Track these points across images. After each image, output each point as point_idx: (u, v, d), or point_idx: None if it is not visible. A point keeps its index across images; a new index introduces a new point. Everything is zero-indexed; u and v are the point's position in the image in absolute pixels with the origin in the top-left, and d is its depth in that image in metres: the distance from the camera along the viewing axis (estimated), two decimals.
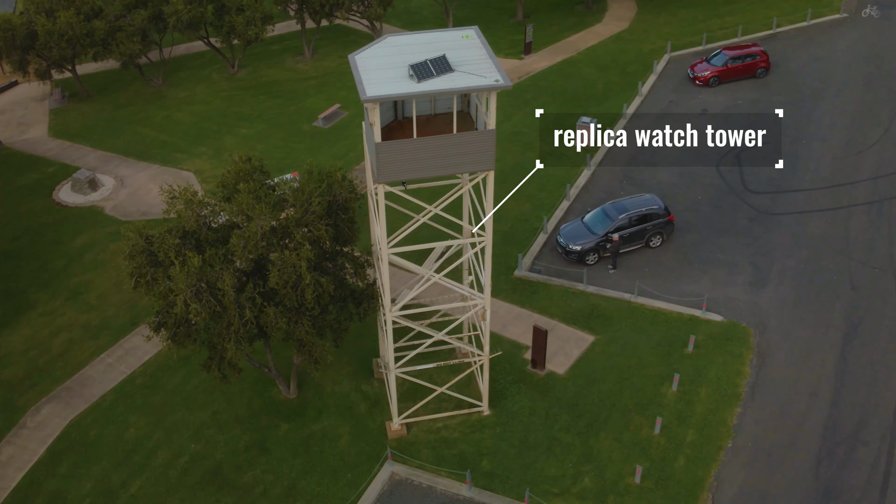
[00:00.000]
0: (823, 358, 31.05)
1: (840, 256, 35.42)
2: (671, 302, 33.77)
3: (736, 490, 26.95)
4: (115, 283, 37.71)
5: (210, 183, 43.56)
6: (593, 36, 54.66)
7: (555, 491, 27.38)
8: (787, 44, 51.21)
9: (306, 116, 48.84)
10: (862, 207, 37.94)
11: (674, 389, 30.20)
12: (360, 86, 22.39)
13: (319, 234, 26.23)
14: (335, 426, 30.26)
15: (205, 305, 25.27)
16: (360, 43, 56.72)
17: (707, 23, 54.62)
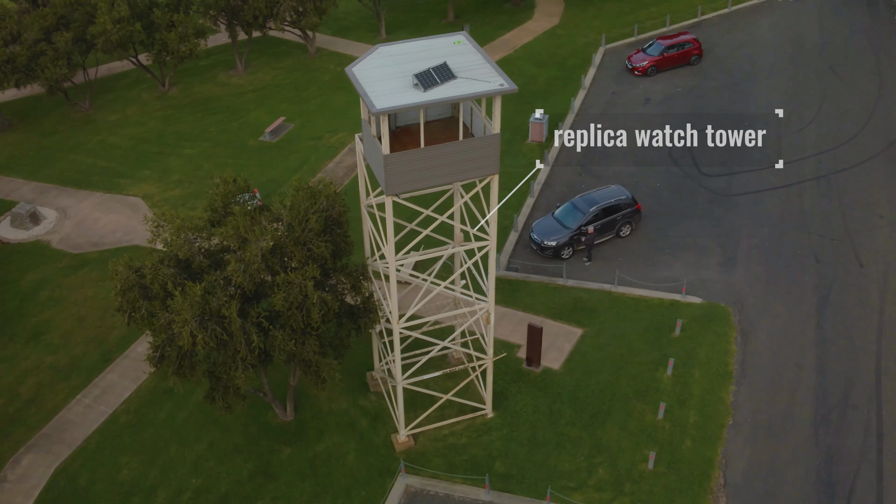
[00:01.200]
0: (802, 329, 32.41)
1: (799, 231, 37.03)
2: (651, 289, 34.59)
3: (744, 465, 27.86)
4: (78, 319, 36.04)
5: (161, 207, 41.96)
6: (526, 33, 55.36)
7: (572, 485, 27.70)
8: (713, 30, 53.10)
9: (251, 131, 47.74)
10: (811, 182, 39.75)
11: (669, 374, 30.96)
12: (368, 99, 22.06)
13: (320, 252, 25.72)
14: (339, 444, 29.76)
15: (211, 334, 24.43)
16: (292, 54, 55.80)
17: (634, 14, 56.08)
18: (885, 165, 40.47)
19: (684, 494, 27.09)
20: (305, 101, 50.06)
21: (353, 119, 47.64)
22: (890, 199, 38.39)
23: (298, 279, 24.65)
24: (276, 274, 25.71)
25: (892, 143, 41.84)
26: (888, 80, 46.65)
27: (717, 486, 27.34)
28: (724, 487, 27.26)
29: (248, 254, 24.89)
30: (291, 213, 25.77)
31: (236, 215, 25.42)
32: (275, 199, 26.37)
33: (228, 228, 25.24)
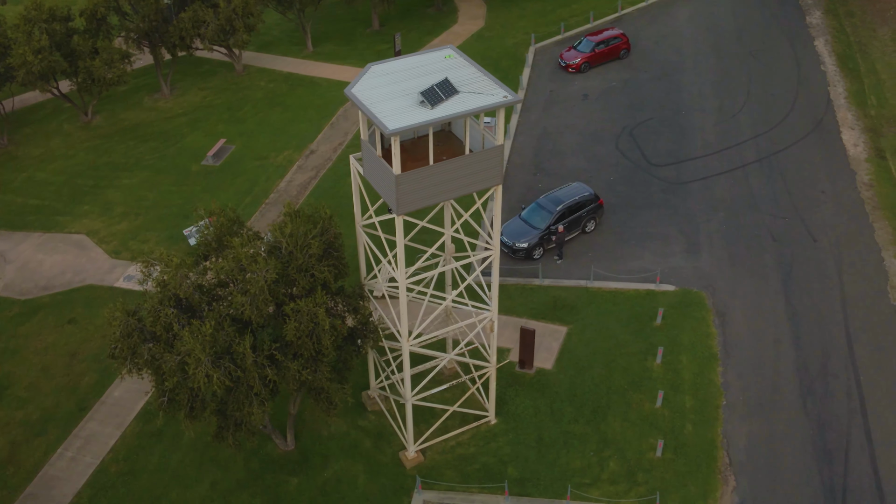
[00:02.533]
0: (773, 306, 34.00)
1: (752, 212, 38.78)
2: (625, 281, 35.56)
3: (745, 442, 29.06)
4: (41, 369, 34.26)
5: (110, 243, 40.44)
6: (455, 37, 55.73)
7: (587, 482, 28.25)
8: (635, 24, 54.81)
9: (191, 156, 46.35)
10: (754, 165, 41.66)
11: (658, 362, 31.93)
12: (377, 120, 21.88)
13: (324, 277, 25.35)
14: (347, 468, 29.39)
15: (225, 372, 23.74)
16: (218, 73, 54.41)
17: (557, 12, 57.27)
18: (817, 143, 42.79)
19: (695, 477, 28.05)
20: (242, 121, 48.95)
21: (296, 136, 46.93)
22: (828, 175, 40.64)
23: (309, 306, 24.22)
24: (280, 303, 25.19)
25: (820, 122, 44.26)
26: (804, 63, 49.29)
27: (724, 465, 28.42)
28: (731, 466, 28.37)
29: (252, 286, 24.28)
30: (291, 239, 25.27)
31: (236, 247, 24.73)
32: (272, 227, 25.76)
33: (229, 262, 24.53)
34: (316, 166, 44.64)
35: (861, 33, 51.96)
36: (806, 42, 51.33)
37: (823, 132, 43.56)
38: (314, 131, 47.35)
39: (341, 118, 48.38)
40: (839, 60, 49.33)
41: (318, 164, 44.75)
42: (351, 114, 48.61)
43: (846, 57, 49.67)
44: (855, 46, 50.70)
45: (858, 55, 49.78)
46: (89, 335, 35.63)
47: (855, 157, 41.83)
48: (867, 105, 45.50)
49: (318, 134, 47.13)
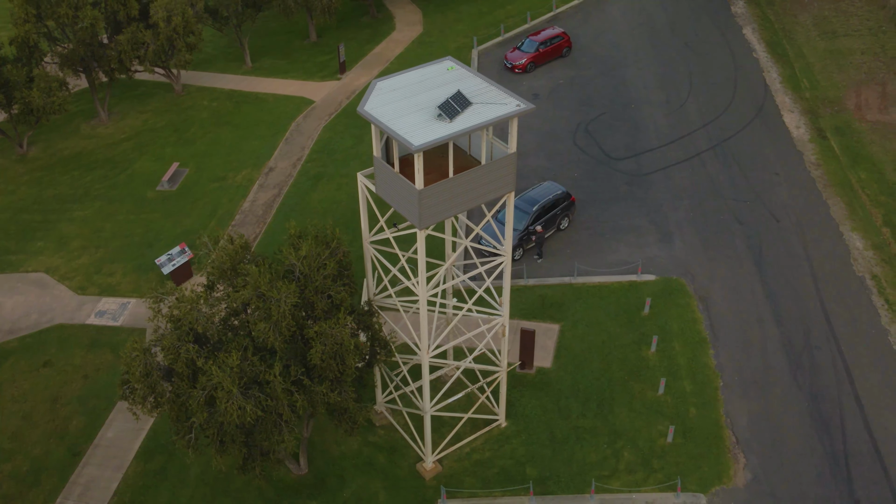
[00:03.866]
0: (750, 287, 35.49)
1: (714, 198, 40.32)
2: (607, 274, 36.46)
3: (747, 420, 30.30)
4: (23, 416, 32.77)
5: (73, 279, 38.92)
6: (395, 44, 55.75)
7: (605, 474, 28.93)
8: (571, 22, 56.04)
9: (143, 182, 44.96)
10: (708, 152, 43.30)
11: (653, 351, 32.92)
12: (401, 137, 21.89)
13: (341, 297, 25.18)
14: (365, 486, 29.24)
15: (256, 402, 23.31)
16: (155, 94, 52.86)
17: (493, 14, 57.99)
18: (763, 128, 44.79)
19: (707, 459, 29.09)
20: (192, 143, 47.76)
21: (251, 154, 46.11)
22: (778, 157, 42.61)
23: (334, 328, 24.01)
24: (300, 327, 24.88)
25: (762, 108, 46.33)
26: (737, 51, 51.44)
27: (732, 444, 29.57)
28: (738, 444, 29.55)
29: (274, 312, 23.88)
30: (306, 261, 24.96)
31: (253, 274, 24.26)
32: (284, 249, 25.36)
33: (249, 290, 24.04)
34: (278, 184, 43.99)
35: (784, 20, 54.56)
36: (735, 31, 53.55)
37: (766, 117, 45.62)
38: (269, 148, 46.64)
39: (295, 133, 47.80)
40: (769, 47, 51.69)
41: (279, 182, 44.11)
42: (305, 128, 48.10)
43: (774, 43, 52.08)
44: (781, 33, 53.20)
45: (785, 41, 52.27)
46: (69, 377, 34.25)
47: (799, 138, 43.97)
48: (801, 88, 47.86)
49: (273, 150, 46.44)
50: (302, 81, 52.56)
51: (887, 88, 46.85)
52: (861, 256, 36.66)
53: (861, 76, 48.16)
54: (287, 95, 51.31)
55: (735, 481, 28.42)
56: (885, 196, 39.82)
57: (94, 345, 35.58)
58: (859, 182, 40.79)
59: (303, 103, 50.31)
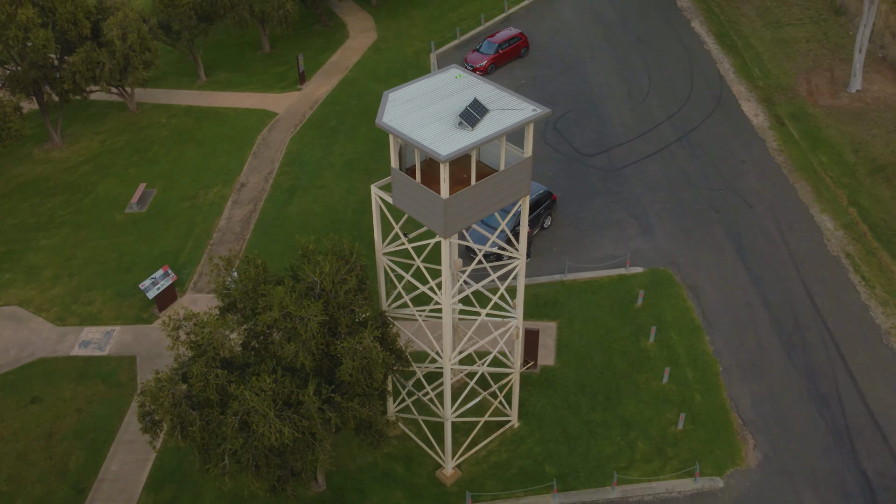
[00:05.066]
0: (735, 273, 36.62)
1: (688, 188, 41.44)
2: (597, 269, 37.11)
3: (750, 401, 31.30)
4: (17, 456, 31.59)
5: (49, 311, 37.62)
6: (351, 52, 55.47)
7: (623, 465, 29.50)
8: (524, 22, 56.69)
9: (110, 205, 43.69)
10: (676, 144, 44.44)
11: (651, 341, 33.68)
12: (427, 148, 21.93)
13: (364, 311, 25.07)
14: (386, 498, 29.14)
15: (291, 423, 23.03)
16: (109, 114, 51.34)
17: (445, 18, 58.22)
18: (724, 117, 46.20)
19: (718, 442, 29.95)
20: (155, 162, 46.63)
21: (220, 171, 45.29)
22: (742, 145, 44.03)
23: (365, 344, 23.90)
24: (327, 344, 24.67)
25: (720, 98, 47.78)
26: (688, 44, 52.89)
27: (739, 426, 30.51)
28: (745, 426, 30.50)
29: (301, 330, 23.63)
30: (328, 278, 24.75)
31: (279, 294, 23.92)
32: (305, 266, 25.07)
33: (275, 311, 23.69)
34: (252, 199, 43.32)
35: (728, 12, 56.30)
36: (684, 24, 55.03)
37: (725, 107, 47.06)
38: (238, 163, 45.89)
39: (262, 147, 47.13)
40: (718, 39, 53.30)
41: (253, 197, 43.45)
42: (272, 141, 47.47)
43: (722, 35, 53.72)
44: (727, 25, 54.90)
45: (733, 33, 53.98)
46: (61, 412, 33.12)
47: (759, 126, 45.51)
48: (754, 77, 49.52)
49: (242, 165, 45.71)
50: (261, 94, 51.83)
51: (835, 74, 48.86)
52: (833, 237, 38.20)
53: (809, 63, 50.10)
54: (248, 109, 50.53)
55: (748, 462, 29.34)
56: (847, 177, 41.56)
57: (82, 377, 34.47)
58: (821, 165, 42.47)
59: (266, 116, 49.62)
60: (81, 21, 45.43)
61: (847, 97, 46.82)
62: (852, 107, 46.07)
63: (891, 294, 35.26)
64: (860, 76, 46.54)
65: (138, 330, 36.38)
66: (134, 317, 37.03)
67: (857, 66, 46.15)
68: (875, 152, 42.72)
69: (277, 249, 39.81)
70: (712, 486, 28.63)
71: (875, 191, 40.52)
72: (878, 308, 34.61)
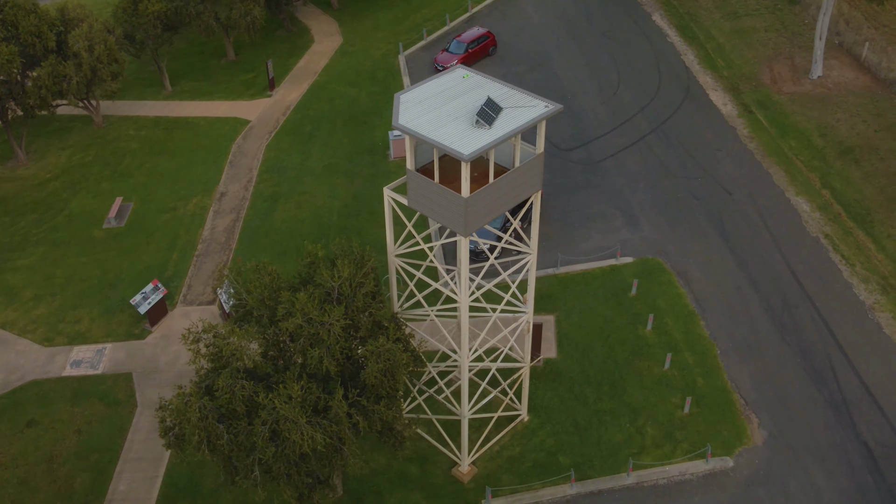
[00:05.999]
0: (721, 258, 37.58)
1: (668, 177, 42.33)
2: (588, 261, 37.69)
3: (749, 380, 32.19)
4: (19, 482, 30.79)
5: (35, 332, 36.69)
6: (319, 56, 55.19)
7: (635, 451, 30.07)
8: (489, 21, 57.14)
9: (87, 221, 42.73)
10: (651, 136, 45.35)
11: (649, 329, 34.37)
12: (449, 148, 22.09)
13: (382, 314, 25.13)
14: (405, 499, 29.20)
15: (324, 430, 22.97)
16: (73, 128, 50.17)
17: (409, 19, 58.33)
18: (694, 108, 47.31)
19: (725, 423, 30.74)
20: (129, 175, 45.76)
21: (198, 181, 44.67)
22: (716, 134, 45.15)
23: (389, 346, 23.95)
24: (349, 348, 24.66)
25: (688, 89, 48.89)
26: (652, 37, 53.98)
27: (742, 406, 31.36)
28: (748, 406, 31.36)
29: (324, 336, 23.57)
30: (346, 282, 24.72)
31: (301, 301, 23.80)
32: (322, 272, 24.98)
33: (297, 318, 23.58)
34: (234, 208, 42.84)
35: (687, 5, 57.61)
36: (645, 18, 56.13)
37: (694, 97, 48.18)
38: (215, 173, 45.32)
39: (238, 155, 46.63)
40: (679, 31, 54.50)
41: (235, 206, 42.97)
42: (247, 149, 46.99)
43: (684, 27, 54.94)
44: (687, 17, 56.17)
45: (693, 25, 55.25)
46: (60, 434, 32.36)
47: (728, 115, 46.72)
48: (718, 67, 50.79)
49: (220, 175, 45.16)
50: (231, 101, 51.24)
51: (795, 61, 50.41)
52: (810, 218, 39.46)
53: (769, 52, 51.58)
54: (219, 117, 49.92)
55: (754, 440, 30.19)
56: (817, 161, 42.95)
57: (78, 397, 33.72)
58: (791, 150, 43.81)
59: (238, 124, 49.10)
60: (46, 34, 44.35)
61: (809, 83, 48.36)
62: (815, 93, 47.60)
63: (870, 271, 36.60)
64: (821, 63, 48.11)
65: (131, 346, 35.71)
66: (125, 333, 36.35)
67: (818, 53, 47.69)
68: (841, 135, 44.23)
69: (266, 258, 39.47)
70: (723, 466, 29.39)
71: (845, 173, 41.96)
72: (861, 285, 35.89)
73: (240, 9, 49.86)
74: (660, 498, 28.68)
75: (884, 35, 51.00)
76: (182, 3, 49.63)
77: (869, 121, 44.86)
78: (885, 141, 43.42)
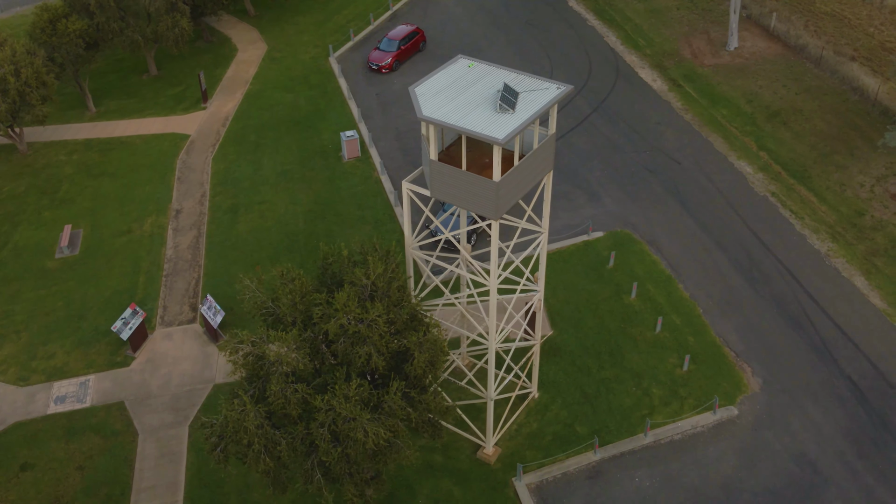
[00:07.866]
0: (685, 224, 39.59)
1: (618, 153, 44.13)
2: (562, 239, 38.92)
3: (736, 335, 34.17)
4: (52, 501, 29.35)
5: (6, 373, 34.85)
6: (246, 64, 54.26)
7: (646, 412, 31.47)
8: (412, 17, 57.62)
9: (35, 253, 40.73)
10: (594, 116, 47.07)
11: (633, 297, 35.90)
12: (484, 135, 22.61)
13: (414, 306, 25.44)
14: (436, 488, 29.57)
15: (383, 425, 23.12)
16: None
17: (332, 21, 58.09)
18: (627, 86, 49.37)
19: (722, 376, 32.57)
20: (71, 202, 43.82)
21: (149, 200, 43.27)
22: (651, 109, 47.32)
23: (436, 338, 24.31)
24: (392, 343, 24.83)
25: (618, 68, 50.96)
26: (573, 22, 55.85)
27: (734, 358, 33.30)
28: (739, 357, 33.33)
29: (367, 333, 23.68)
30: (381, 278, 24.85)
31: (341, 300, 23.76)
32: (356, 272, 24.97)
33: (340, 318, 23.55)
34: (193, 224, 41.77)
35: None
36: (562, 5, 57.99)
37: (625, 76, 50.28)
38: (165, 190, 44.01)
39: (185, 170, 45.41)
40: (597, 15, 56.62)
41: (194, 222, 41.90)
42: (193, 164, 45.82)
43: (600, 11, 57.11)
44: (601, 1, 58.37)
45: (609, 8, 57.49)
46: (60, 473, 30.95)
47: (659, 90, 49.04)
48: (640, 46, 53.15)
49: (170, 192, 43.89)
50: (164, 117, 49.76)
51: (711, 35, 53.35)
52: (755, 179, 42.07)
53: (685, 28, 54.36)
54: (155, 134, 48.40)
55: (751, 388, 32.15)
56: (749, 126, 45.74)
57: (71, 433, 32.30)
58: (724, 118, 46.46)
59: (177, 139, 47.78)
60: None
61: (728, 55, 51.32)
62: (735, 63, 50.58)
63: (818, 222, 39.42)
64: (736, 35, 51.14)
65: (116, 374, 34.44)
66: (106, 362, 35.00)
67: (733, 26, 50.68)
68: (766, 101, 47.24)
69: (238, 270, 38.77)
70: (730, 415, 31.17)
71: (777, 134, 44.89)
72: (813, 235, 38.63)
73: (166, 21, 48.45)
74: (677, 452, 30.17)
75: (785, 5, 54.69)
76: (103, 20, 47.81)
77: (789, 85, 48.09)
78: (806, 102, 46.69)
